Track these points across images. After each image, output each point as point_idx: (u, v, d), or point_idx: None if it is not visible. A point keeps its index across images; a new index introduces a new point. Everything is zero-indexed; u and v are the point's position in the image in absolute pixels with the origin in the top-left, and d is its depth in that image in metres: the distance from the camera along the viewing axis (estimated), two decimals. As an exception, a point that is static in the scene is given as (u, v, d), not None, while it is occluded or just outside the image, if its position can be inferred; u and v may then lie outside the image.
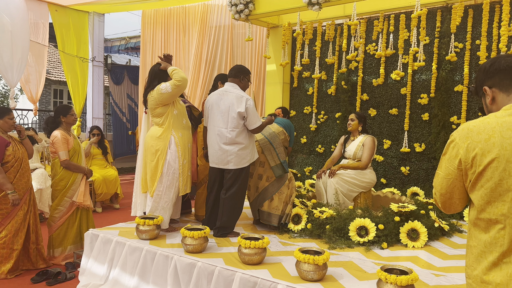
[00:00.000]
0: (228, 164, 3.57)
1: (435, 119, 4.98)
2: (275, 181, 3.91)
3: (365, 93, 5.60)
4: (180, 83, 3.49)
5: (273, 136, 4.02)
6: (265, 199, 3.92)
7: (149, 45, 8.15)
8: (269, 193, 3.91)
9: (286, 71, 6.27)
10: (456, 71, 4.92)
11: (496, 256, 1.32)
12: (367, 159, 4.36)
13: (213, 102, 3.65)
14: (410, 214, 3.75)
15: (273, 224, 3.87)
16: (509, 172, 1.28)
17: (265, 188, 3.94)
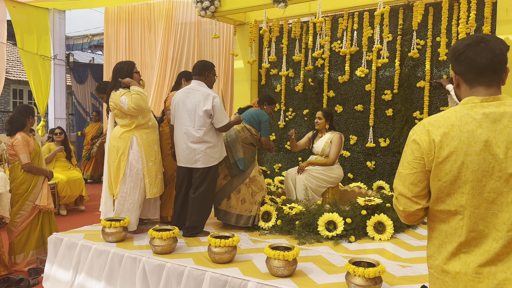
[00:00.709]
0: (196, 163, 3.52)
1: (398, 115, 5.11)
2: (233, 179, 3.88)
3: (331, 90, 5.67)
4: (135, 111, 3.47)
5: (232, 134, 3.95)
6: (222, 197, 3.90)
7: (113, 42, 7.94)
8: (227, 192, 3.89)
9: (253, 68, 6.26)
10: (418, 67, 5.06)
11: (455, 246, 1.35)
12: (334, 156, 4.42)
13: (179, 101, 3.59)
14: (376, 207, 3.83)
15: (230, 223, 3.86)
16: (466, 165, 1.31)
17: (223, 186, 3.91)
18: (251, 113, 4.07)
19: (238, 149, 3.87)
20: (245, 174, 3.90)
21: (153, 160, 3.64)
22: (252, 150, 3.99)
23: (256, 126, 4.02)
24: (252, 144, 4.00)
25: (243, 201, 3.88)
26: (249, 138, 3.97)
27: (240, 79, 6.30)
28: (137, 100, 3.43)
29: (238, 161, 3.84)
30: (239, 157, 3.85)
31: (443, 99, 4.87)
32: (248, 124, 4.01)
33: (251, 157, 3.97)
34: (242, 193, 3.87)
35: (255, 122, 4.02)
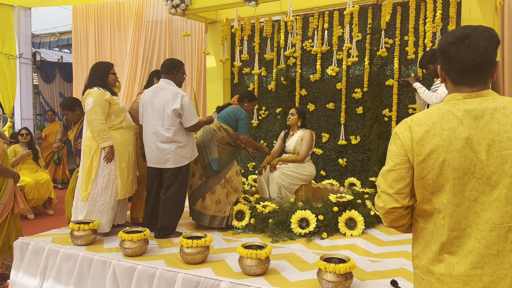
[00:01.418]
0: (166, 163, 3.46)
1: (368, 112, 5.19)
2: (208, 180, 3.84)
3: (303, 89, 5.71)
4: (91, 133, 3.45)
5: (208, 133, 3.89)
6: (198, 197, 3.86)
7: (82, 41, 7.74)
8: (202, 192, 3.85)
9: (226, 67, 6.23)
10: (387, 66, 5.16)
11: (438, 246, 1.34)
12: (304, 152, 4.44)
13: (147, 100, 3.52)
14: (348, 204, 3.88)
15: (204, 224, 3.83)
16: (448, 162, 1.29)
17: (198, 186, 3.87)
18: (228, 111, 3.98)
19: (213, 149, 3.82)
20: (221, 175, 3.86)
21: (126, 160, 3.58)
22: (230, 151, 3.94)
23: (234, 125, 3.92)
24: (230, 144, 3.93)
25: (218, 202, 3.85)
26: (226, 138, 3.89)
27: (212, 78, 6.26)
28: (93, 126, 3.43)
29: (212, 161, 3.79)
30: (213, 157, 3.80)
31: (411, 97, 4.98)
32: (225, 123, 3.93)
33: (228, 158, 3.92)
34: (217, 194, 3.84)
35: (232, 121, 3.93)
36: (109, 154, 3.42)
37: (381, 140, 5.15)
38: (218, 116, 4.02)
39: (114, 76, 3.68)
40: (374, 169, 5.15)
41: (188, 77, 7.03)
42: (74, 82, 7.96)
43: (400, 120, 5.07)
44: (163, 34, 7.04)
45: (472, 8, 4.42)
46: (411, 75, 4.98)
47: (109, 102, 3.50)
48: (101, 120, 3.41)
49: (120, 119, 3.56)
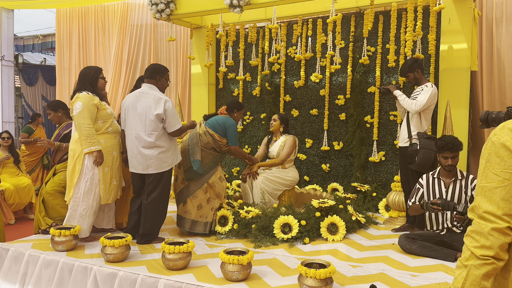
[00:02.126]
0: (148, 169, 3.45)
1: (351, 119, 5.27)
2: (190, 184, 3.84)
3: (287, 95, 5.76)
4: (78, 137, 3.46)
5: (193, 137, 3.90)
6: (179, 202, 3.86)
7: (66, 44, 7.66)
8: (183, 196, 3.84)
9: (211, 72, 6.24)
10: (369, 73, 5.25)
11: None
12: (284, 156, 4.46)
13: (129, 105, 3.51)
14: (330, 209, 3.92)
15: (185, 229, 3.82)
16: None
17: (180, 190, 3.87)
18: (217, 119, 3.99)
19: (196, 152, 3.80)
20: (203, 179, 3.84)
21: (110, 165, 3.57)
22: (214, 156, 3.93)
23: (221, 133, 3.93)
24: (214, 149, 3.93)
25: (199, 207, 3.84)
26: (211, 143, 3.89)
27: (197, 83, 6.26)
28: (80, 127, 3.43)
29: (193, 162, 3.75)
30: (195, 158, 3.78)
31: (392, 104, 5.07)
32: (212, 129, 3.92)
33: (212, 162, 3.91)
34: (199, 198, 3.83)
35: (220, 129, 3.93)
36: (98, 158, 3.43)
37: (363, 146, 5.23)
38: (206, 122, 4.02)
39: (104, 80, 3.73)
40: (356, 175, 5.23)
41: (173, 82, 7.01)
42: (57, 85, 7.87)
43: (382, 126, 5.16)
44: (148, 38, 7.02)
45: (452, 18, 4.54)
46: (393, 83, 5.07)
47: (97, 107, 3.52)
48: (89, 124, 3.42)
49: (107, 125, 3.58)
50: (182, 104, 6.91)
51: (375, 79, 5.17)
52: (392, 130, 5.11)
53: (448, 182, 3.30)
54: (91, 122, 3.44)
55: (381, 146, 5.18)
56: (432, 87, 3.80)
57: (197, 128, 3.99)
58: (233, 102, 4.24)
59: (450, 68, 4.57)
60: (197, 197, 3.82)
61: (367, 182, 5.23)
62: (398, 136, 4.96)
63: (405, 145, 3.89)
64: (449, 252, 3.11)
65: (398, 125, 5.01)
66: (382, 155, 5.14)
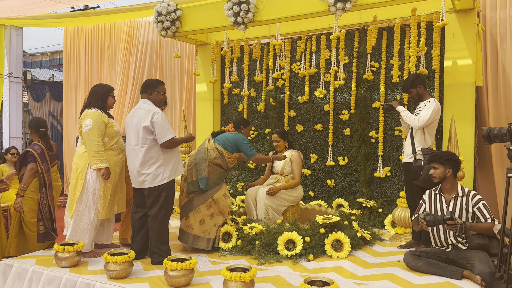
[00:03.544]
0: (143, 183, 3.48)
1: (355, 134, 5.28)
2: (194, 198, 3.87)
3: (292, 110, 5.80)
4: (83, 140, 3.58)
5: (201, 152, 3.96)
6: (182, 215, 3.89)
7: (73, 60, 7.81)
8: (186, 210, 3.87)
9: (216, 88, 6.31)
10: (373, 88, 5.27)
11: None
12: (299, 176, 4.51)
13: (127, 121, 3.61)
14: (335, 225, 3.91)
15: (187, 243, 3.83)
16: None
17: (184, 204, 3.90)
18: (227, 136, 4.05)
19: (203, 168, 3.86)
20: (207, 194, 3.87)
21: (112, 182, 3.63)
22: (220, 172, 3.96)
23: (232, 150, 3.99)
24: (221, 166, 3.97)
25: (202, 222, 3.85)
26: (218, 160, 3.93)
27: (202, 98, 6.33)
28: (90, 144, 3.51)
29: (200, 180, 3.82)
30: (202, 176, 3.83)
31: (397, 119, 5.08)
32: (221, 146, 3.98)
33: (217, 179, 3.94)
34: (202, 213, 3.85)
35: (230, 147, 3.98)
36: (105, 175, 3.53)
37: (368, 161, 5.22)
38: (216, 139, 4.07)
39: (113, 98, 3.84)
40: (362, 190, 5.21)
41: (178, 98, 7.10)
42: (64, 101, 7.99)
43: (387, 141, 5.16)
44: (153, 55, 7.13)
45: (456, 34, 4.58)
46: (397, 98, 5.09)
47: (106, 124, 3.62)
48: (99, 142, 3.52)
49: (112, 142, 3.68)
50: (187, 119, 6.98)
51: (380, 94, 5.19)
52: (398, 145, 5.11)
53: (449, 198, 3.29)
54: (100, 140, 3.53)
55: (387, 162, 5.18)
56: (435, 102, 3.81)
57: (205, 143, 4.04)
58: (239, 119, 4.31)
59: (455, 83, 4.58)
60: (200, 212, 3.84)
61: (373, 197, 5.21)
62: (403, 151, 4.95)
63: (410, 160, 3.89)
64: (456, 270, 3.08)
65: (403, 140, 5.01)
66: (387, 171, 5.13)
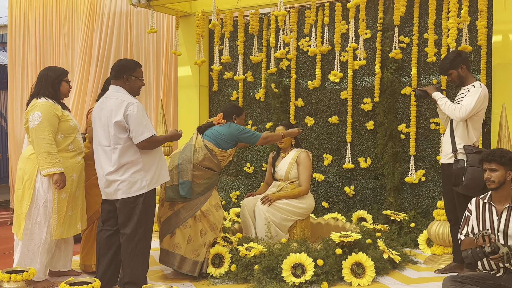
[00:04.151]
0: (116, 194, 3.46)
1: (381, 128, 5.30)
2: (181, 210, 3.88)
3: (299, 98, 5.81)
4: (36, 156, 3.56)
5: (186, 151, 3.98)
6: (166, 232, 3.89)
7: (20, 37, 7.78)
8: (172, 225, 3.87)
9: (203, 71, 6.31)
10: (402, 70, 5.28)
11: None
12: (307, 182, 4.52)
13: (95, 114, 3.59)
14: (354, 244, 3.93)
15: (173, 267, 3.85)
16: None
17: (167, 218, 3.91)
18: (218, 130, 4.08)
19: (186, 170, 3.87)
20: (196, 205, 3.89)
21: (68, 191, 3.63)
22: (209, 176, 3.98)
23: (226, 146, 4.04)
24: (211, 169, 3.98)
25: (190, 239, 3.87)
26: (208, 160, 3.95)
27: (185, 85, 6.33)
28: (39, 143, 3.50)
29: (181, 184, 3.82)
30: (184, 179, 3.84)
31: (433, 109, 5.09)
32: (212, 142, 4.00)
33: (207, 184, 3.96)
34: (190, 229, 3.87)
35: (224, 142, 4.03)
36: (59, 182, 3.52)
37: (397, 162, 5.24)
38: (205, 134, 4.10)
39: (68, 84, 3.84)
40: (389, 200, 5.22)
41: (153, 84, 7.08)
42: (9, 89, 7.97)
43: (421, 137, 5.17)
44: (123, 30, 7.11)
45: (507, 1, 4.57)
46: (433, 82, 5.10)
47: (59, 118, 3.61)
48: (50, 140, 3.51)
49: (68, 141, 3.67)
50: (166, 112, 6.97)
51: (411, 77, 5.20)
52: (434, 142, 5.13)
53: (501, 209, 3.30)
54: (52, 138, 3.51)
55: (420, 163, 5.19)
56: (481, 87, 3.82)
57: (192, 140, 4.06)
58: (230, 107, 4.33)
59: (506, 62, 4.59)
60: (188, 227, 3.85)
61: (403, 209, 5.22)
62: (441, 150, 4.96)
63: (449, 161, 3.90)
64: (508, 300, 3.09)
65: (441, 136, 5.02)
66: (421, 175, 5.14)
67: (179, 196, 3.84)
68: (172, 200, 3.87)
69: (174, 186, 3.86)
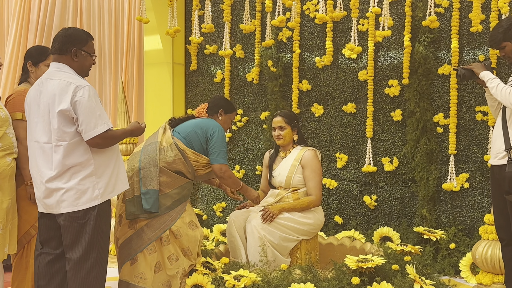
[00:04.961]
0: (59, 207, 3.41)
1: (411, 119, 5.30)
2: (145, 229, 3.86)
3: (305, 80, 5.81)
4: None
5: (150, 152, 3.95)
6: (125, 258, 3.88)
7: None
8: (133, 249, 3.85)
9: (177, 44, 6.30)
10: (439, 43, 5.28)
11: None
12: (318, 190, 4.51)
13: (32, 100, 3.52)
14: (376, 271, 3.93)
15: None
16: None
17: (127, 239, 3.90)
18: (193, 125, 4.09)
19: (151, 176, 3.86)
20: (164, 222, 3.88)
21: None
22: (182, 185, 3.99)
23: (199, 146, 4.02)
24: (184, 175, 3.99)
25: (158, 267, 3.87)
26: (180, 164, 3.95)
27: (154, 62, 6.31)
28: None
29: (144, 194, 3.81)
30: (148, 188, 3.82)
31: (480, 94, 5.10)
32: (184, 142, 4.00)
33: (178, 195, 3.96)
34: (157, 254, 3.86)
35: (198, 140, 4.03)
36: None
37: (433, 164, 5.25)
38: (175, 130, 4.10)
39: None
40: (422, 213, 5.22)
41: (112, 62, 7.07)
42: None
43: (463, 131, 5.18)
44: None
45: None
46: (480, 59, 5.10)
47: None
48: None
49: None
50: (128, 98, 6.95)
51: (450, 53, 5.20)
52: (481, 137, 5.15)
53: None
54: None
55: (463, 165, 5.21)
56: (543, 65, 3.82)
57: (157, 134, 4.05)
58: (219, 98, 4.36)
59: None
60: (155, 252, 3.83)
61: (440, 225, 5.24)
62: (490, 148, 4.97)
63: (500, 162, 3.89)
64: None
65: (490, 129, 5.03)
66: (464, 180, 5.16)
67: (142, 211, 3.82)
68: (133, 217, 3.85)
69: (136, 197, 3.84)
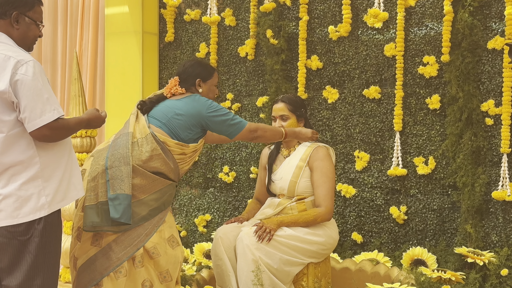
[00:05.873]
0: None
1: (452, 108, 5.37)
2: (112, 246, 3.89)
3: (314, 56, 5.89)
4: None
5: (119, 147, 3.95)
6: (86, 284, 3.93)
7: None
8: (97, 272, 3.88)
9: (148, 8, 6.38)
10: (490, 9, 5.36)
11: None
12: (329, 199, 4.52)
13: None
14: (405, 305, 4.05)
15: None
16: None
17: (89, 259, 3.94)
18: (173, 107, 4.09)
19: (121, 177, 3.84)
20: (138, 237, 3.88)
21: None
22: (161, 189, 3.99)
23: (189, 134, 4.07)
24: (163, 175, 4.00)
25: None
26: (157, 160, 3.95)
27: (118, 31, 6.39)
28: None
29: (111, 200, 3.79)
30: (118, 192, 3.80)
31: (541, 75, 5.19)
32: (164, 130, 4.02)
33: (156, 203, 3.97)
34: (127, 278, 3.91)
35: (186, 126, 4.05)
36: None
37: (480, 166, 5.32)
38: (150, 116, 4.14)
39: None
40: (466, 229, 5.25)
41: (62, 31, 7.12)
42: None
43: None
44: None
45: None
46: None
47: None
48: None
49: None
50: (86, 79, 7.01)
51: (504, 21, 5.27)
52: (541, 132, 5.21)
53: None
54: None
55: (519, 167, 5.28)
56: None
57: (128, 125, 4.09)
58: (191, 64, 4.35)
59: None
60: (123, 275, 3.89)
61: (489, 244, 5.29)
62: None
63: None
64: None
65: (554, 122, 5.12)
66: (520, 187, 5.23)
67: (108, 222, 3.82)
68: (96, 229, 3.88)
69: (100, 204, 3.85)
